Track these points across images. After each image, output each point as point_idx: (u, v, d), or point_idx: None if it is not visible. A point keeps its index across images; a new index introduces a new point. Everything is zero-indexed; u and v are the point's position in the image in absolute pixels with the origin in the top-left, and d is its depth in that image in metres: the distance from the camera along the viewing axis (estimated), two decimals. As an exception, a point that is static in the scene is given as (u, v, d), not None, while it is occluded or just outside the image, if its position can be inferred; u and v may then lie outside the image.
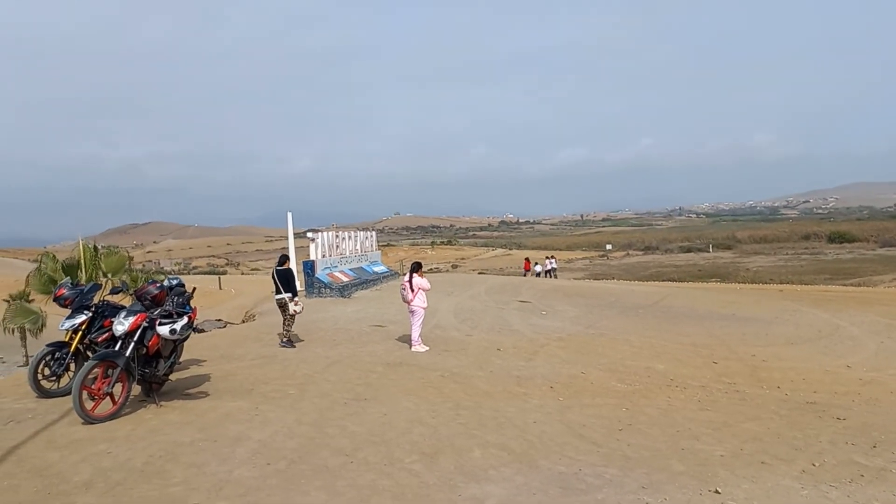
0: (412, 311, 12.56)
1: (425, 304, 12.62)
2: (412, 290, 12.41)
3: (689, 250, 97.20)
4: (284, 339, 12.64)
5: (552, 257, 44.78)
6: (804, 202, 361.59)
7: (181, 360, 9.10)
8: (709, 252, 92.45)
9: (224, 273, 77.70)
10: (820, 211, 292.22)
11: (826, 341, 16.19)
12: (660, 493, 5.63)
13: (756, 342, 15.60)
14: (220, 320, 19.91)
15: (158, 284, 8.24)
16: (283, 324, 12.85)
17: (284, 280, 12.89)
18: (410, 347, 12.43)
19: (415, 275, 12.52)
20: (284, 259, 13.66)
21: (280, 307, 12.93)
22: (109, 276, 15.43)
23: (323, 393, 8.78)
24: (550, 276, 40.77)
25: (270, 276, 13.42)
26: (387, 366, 10.86)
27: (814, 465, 6.65)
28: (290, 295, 12.73)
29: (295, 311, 12.67)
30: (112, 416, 7.19)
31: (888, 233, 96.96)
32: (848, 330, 17.82)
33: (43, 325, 16.67)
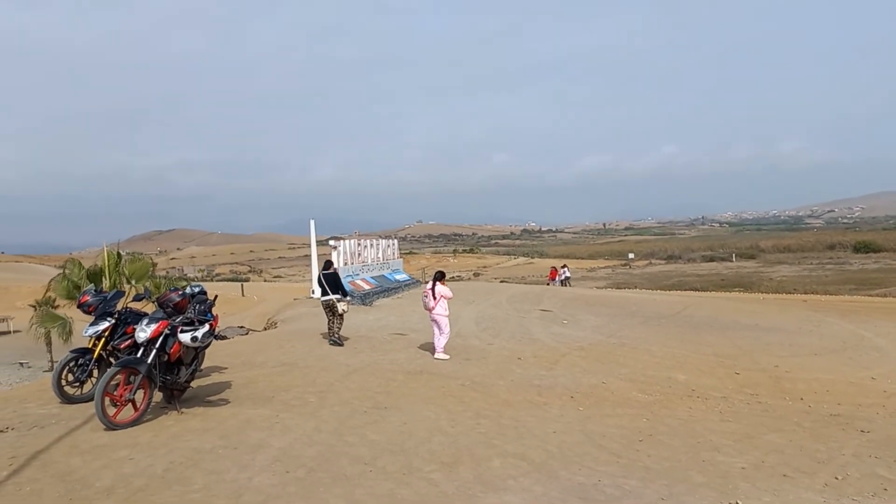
0: (434, 320, 12.60)
1: (447, 313, 12.66)
2: (434, 298, 12.48)
3: (711, 259, 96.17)
4: (335, 337, 13.44)
5: (565, 266, 44.85)
6: (829, 211, 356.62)
7: (203, 367, 9.19)
8: (732, 261, 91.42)
9: (247, 280, 78.31)
10: (845, 220, 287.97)
11: (850, 352, 15.94)
12: (680, 506, 5.58)
13: (779, 353, 15.40)
14: (242, 327, 20.07)
15: (180, 292, 8.31)
16: (333, 323, 13.56)
17: (332, 282, 13.66)
18: (433, 354, 12.46)
19: (438, 283, 12.59)
20: (329, 264, 14.61)
21: (328, 308, 13.63)
22: (133, 282, 15.62)
23: (343, 401, 8.82)
24: (565, 285, 40.76)
25: (317, 281, 14.53)
26: (407, 374, 10.88)
27: (837, 478, 6.56)
28: (338, 296, 13.49)
29: (343, 310, 13.51)
30: (134, 423, 7.27)
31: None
32: (873, 341, 17.53)
33: (70, 330, 16.93)
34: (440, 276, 12.92)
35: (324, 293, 13.64)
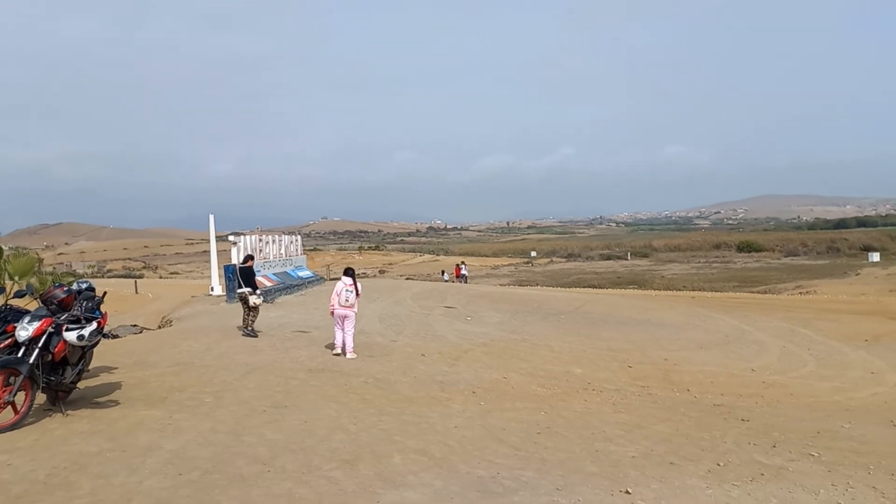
0: (347, 316, 12.42)
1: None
2: (357, 294, 12.45)
3: (608, 258, 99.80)
4: (248, 329, 13.95)
5: (463, 263, 46.08)
6: (716, 213, 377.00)
7: (91, 367, 8.75)
8: (627, 260, 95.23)
9: (141, 277, 74.83)
10: (730, 221, 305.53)
11: (733, 346, 16.95)
12: (573, 495, 5.78)
13: (668, 347, 16.20)
14: (135, 325, 19.23)
15: (66, 288, 7.91)
16: (246, 315, 14.09)
17: (245, 276, 14.24)
18: (345, 354, 12.29)
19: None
20: (248, 258, 15.14)
21: (242, 300, 14.26)
22: (17, 279, 14.66)
23: (241, 400, 8.60)
24: (463, 283, 41.60)
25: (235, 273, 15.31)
26: (309, 372, 10.73)
27: (719, 464, 6.96)
28: (249, 289, 14.08)
29: (255, 303, 14.05)
30: (14, 427, 6.84)
31: (792, 243, 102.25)
32: (753, 335, 18.70)
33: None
34: (354, 272, 12.87)
35: (238, 286, 14.42)
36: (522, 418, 8.69)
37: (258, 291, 14.38)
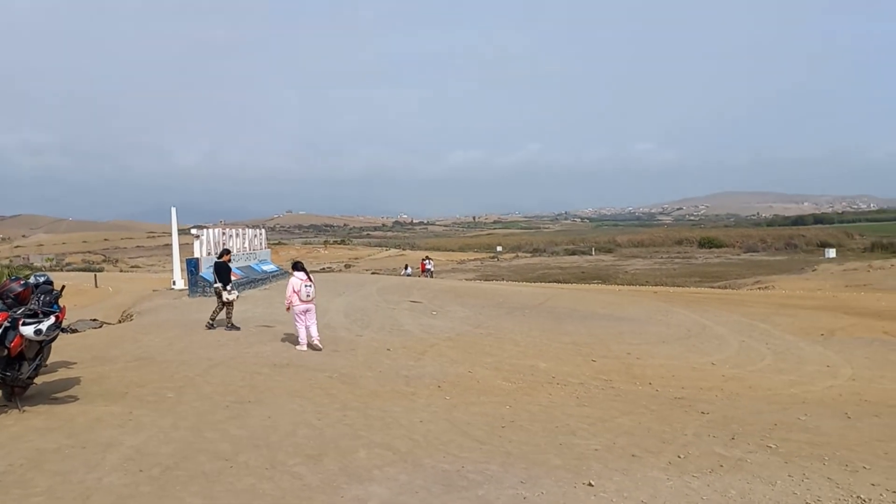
0: (309, 310, 12.42)
1: None
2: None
3: (573, 253, 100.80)
4: (228, 324, 14.04)
5: (429, 258, 46.05)
6: (678, 209, 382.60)
7: (48, 362, 8.56)
8: (591, 255, 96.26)
9: (101, 270, 73.37)
10: (692, 218, 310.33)
11: (694, 340, 17.25)
12: (537, 487, 5.84)
13: (631, 341, 16.42)
14: (94, 320, 18.83)
15: (23, 282, 7.74)
16: (222, 311, 14.17)
17: (219, 271, 14.29)
18: (316, 347, 12.30)
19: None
20: (223, 252, 15.02)
21: (217, 295, 14.34)
22: (-30, 272, 14.29)
23: (203, 396, 8.50)
24: (429, 277, 41.59)
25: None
26: (273, 367, 10.64)
27: (679, 456, 7.09)
28: (221, 285, 14.08)
29: (228, 298, 14.05)
30: (-33, 424, 6.68)
31: (751, 239, 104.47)
32: (714, 329, 19.06)
33: None
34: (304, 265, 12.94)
35: (214, 281, 14.55)
36: (487, 412, 8.74)
37: (229, 287, 14.20)
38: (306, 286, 12.37)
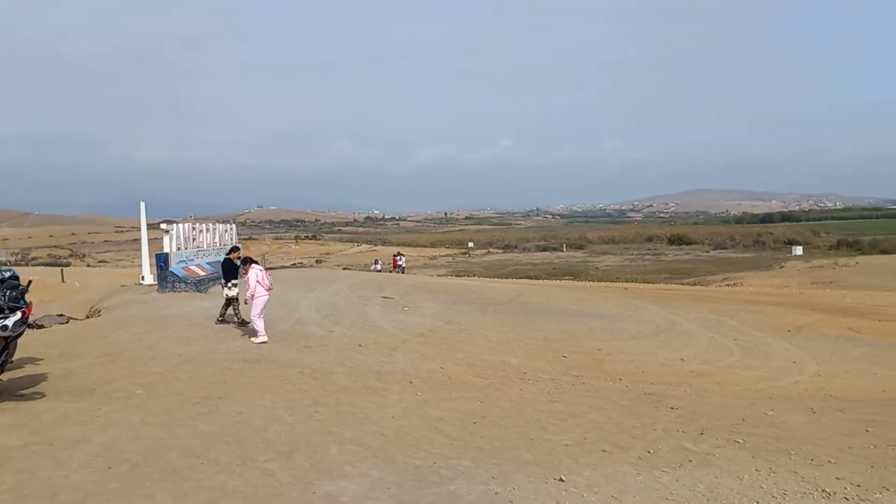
0: (267, 300, 12.64)
1: None
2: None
3: (545, 249, 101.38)
4: (237, 319, 14.15)
5: (400, 254, 46.33)
6: (648, 206, 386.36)
7: (14, 358, 8.40)
8: (562, 251, 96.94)
9: (67, 265, 71.99)
10: (662, 215, 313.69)
11: (664, 336, 17.46)
12: (508, 483, 5.88)
13: (602, 337, 16.57)
14: (61, 315, 18.50)
15: (-12, 277, 7.57)
16: (224, 308, 14.32)
17: (224, 268, 14.52)
18: (263, 339, 12.34)
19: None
20: (231, 249, 15.12)
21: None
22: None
23: (173, 392, 8.42)
24: (400, 273, 41.74)
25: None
26: (244, 363, 10.57)
27: (649, 451, 7.18)
28: (224, 281, 14.37)
29: (226, 294, 14.24)
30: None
31: (720, 236, 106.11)
32: (683, 325, 19.31)
33: None
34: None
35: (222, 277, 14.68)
36: (459, 408, 8.77)
37: (230, 283, 14.23)
38: (267, 278, 12.70)
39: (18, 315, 7.21)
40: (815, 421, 9.11)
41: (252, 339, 12.41)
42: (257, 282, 12.47)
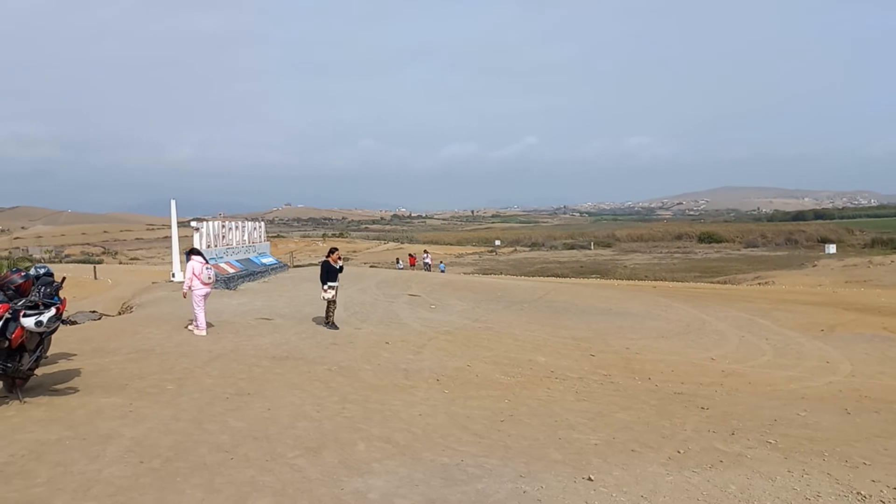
0: (209, 293, 12.79)
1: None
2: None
3: (572, 247, 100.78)
4: (326, 322, 14.31)
5: (426, 252, 46.56)
6: (678, 204, 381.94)
7: (49, 353, 8.57)
8: (590, 249, 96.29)
9: (100, 262, 73.24)
10: (692, 212, 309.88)
11: (693, 335, 17.27)
12: (537, 482, 5.85)
13: (630, 335, 16.44)
14: (94, 312, 18.82)
15: (24, 273, 7.71)
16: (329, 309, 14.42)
17: (321, 270, 14.52)
18: (203, 332, 12.49)
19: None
20: (330, 251, 15.08)
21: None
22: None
23: (203, 388, 8.51)
24: (427, 271, 42.02)
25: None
26: (272, 360, 10.66)
27: (679, 452, 7.10)
28: (322, 283, 14.32)
29: (322, 297, 14.31)
30: (-32, 415, 6.68)
31: (751, 234, 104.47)
32: (713, 324, 19.08)
33: None
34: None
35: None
36: (486, 406, 8.75)
37: (326, 286, 14.19)
38: (207, 269, 12.70)
39: (53, 311, 7.32)
40: (849, 422, 8.93)
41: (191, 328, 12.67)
42: (193, 274, 12.47)
